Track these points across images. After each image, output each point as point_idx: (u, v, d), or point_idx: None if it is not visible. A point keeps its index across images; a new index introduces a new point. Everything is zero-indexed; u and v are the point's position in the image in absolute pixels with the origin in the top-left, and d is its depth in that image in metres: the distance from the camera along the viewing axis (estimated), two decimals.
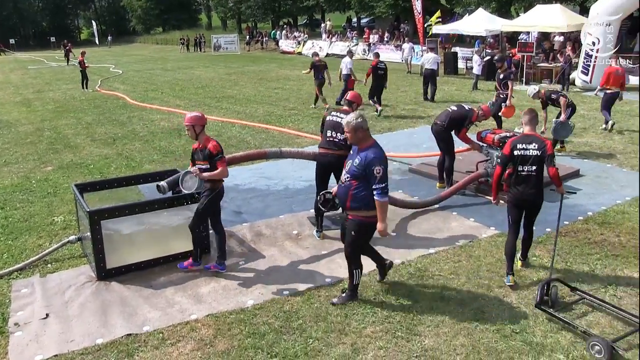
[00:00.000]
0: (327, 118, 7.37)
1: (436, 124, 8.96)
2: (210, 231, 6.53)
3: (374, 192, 5.17)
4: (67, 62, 38.49)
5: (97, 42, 67.79)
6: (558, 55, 22.21)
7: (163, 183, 6.40)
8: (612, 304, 5.44)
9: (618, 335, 4.97)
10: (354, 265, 5.61)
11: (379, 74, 15.93)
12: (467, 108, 9.19)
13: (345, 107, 7.62)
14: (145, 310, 5.65)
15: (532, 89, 10.61)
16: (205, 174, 6.11)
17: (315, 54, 18.30)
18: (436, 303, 5.65)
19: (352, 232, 5.47)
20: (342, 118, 7.08)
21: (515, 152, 5.96)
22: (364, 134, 5.33)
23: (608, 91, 12.97)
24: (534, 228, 6.36)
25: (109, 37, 70.67)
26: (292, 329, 5.25)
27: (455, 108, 9.14)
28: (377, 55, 16.79)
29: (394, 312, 5.50)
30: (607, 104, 13.07)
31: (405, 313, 5.47)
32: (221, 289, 6.05)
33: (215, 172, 6.09)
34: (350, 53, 18.74)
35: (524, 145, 5.94)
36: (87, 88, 23.50)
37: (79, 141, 13.57)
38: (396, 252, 6.87)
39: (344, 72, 17.08)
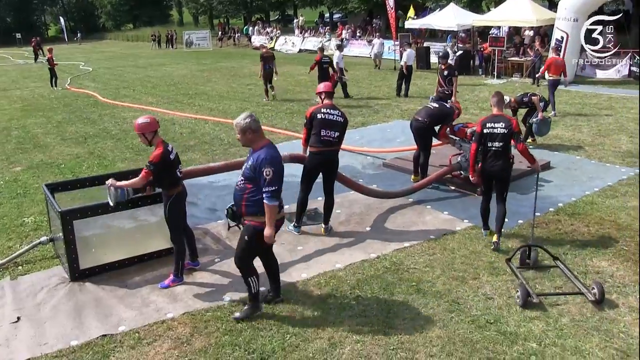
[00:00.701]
0: (318, 116, 7.02)
1: (417, 121, 8.99)
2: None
3: (263, 195, 4.91)
4: (35, 59, 37.79)
5: (65, 38, 66.50)
6: (528, 50, 22.52)
7: (128, 188, 6.09)
8: (578, 277, 5.86)
9: (545, 292, 5.64)
10: (247, 273, 5.29)
11: (324, 68, 16.71)
12: (448, 106, 9.29)
13: (328, 101, 7.23)
14: (121, 310, 5.60)
15: (504, 99, 10.82)
16: (118, 183, 5.89)
17: (263, 46, 19.08)
18: (412, 296, 5.70)
19: (245, 237, 5.16)
20: (332, 114, 7.06)
21: (485, 130, 6.68)
22: (253, 135, 5.07)
23: (550, 78, 14.57)
24: (506, 219, 6.50)
25: (79, 34, 69.40)
26: (269, 325, 5.26)
27: (436, 105, 9.23)
28: (321, 50, 17.64)
29: (370, 306, 5.54)
30: (552, 88, 14.72)
31: (381, 306, 5.52)
32: (197, 287, 6.02)
33: (129, 181, 5.91)
34: (341, 47, 19.38)
35: (492, 124, 6.65)
36: (56, 86, 23.10)
37: (49, 140, 13.35)
38: (371, 246, 6.93)
39: (334, 66, 17.72)
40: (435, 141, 9.29)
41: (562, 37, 19.41)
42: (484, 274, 6.11)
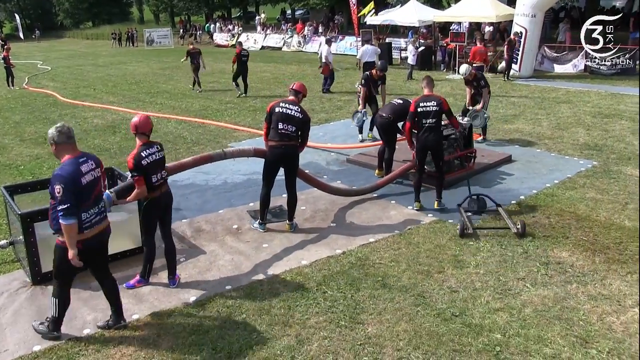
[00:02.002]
0: (276, 109, 7.07)
1: (381, 117, 9.06)
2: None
3: (58, 214, 4.56)
4: None
5: (21, 36, 64.80)
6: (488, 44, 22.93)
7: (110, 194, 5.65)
8: (510, 218, 7.24)
9: (479, 227, 7.19)
10: (55, 292, 5.00)
11: (243, 61, 18.10)
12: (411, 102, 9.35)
13: (291, 97, 7.28)
14: (85, 313, 5.51)
15: (466, 67, 10.92)
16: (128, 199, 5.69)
17: (190, 43, 22.66)
18: (378, 291, 5.75)
19: (55, 259, 4.87)
20: (291, 109, 7.07)
21: (419, 109, 7.65)
22: (57, 147, 4.74)
23: (475, 64, 16.02)
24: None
25: (37, 32, 67.53)
26: (235, 324, 5.24)
27: (400, 101, 9.29)
28: (240, 44, 19.39)
29: (336, 301, 5.56)
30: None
31: (347, 302, 5.55)
32: (162, 287, 5.95)
33: (131, 195, 5.64)
34: (329, 41, 19.81)
35: (425, 103, 7.65)
36: (13, 85, 22.50)
37: (7, 142, 13.01)
38: (337, 242, 6.96)
39: (323, 60, 18.47)
40: (399, 136, 9.36)
41: (521, 33, 19.79)
42: (448, 268, 6.19)
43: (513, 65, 20.47)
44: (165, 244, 6.01)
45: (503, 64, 21.28)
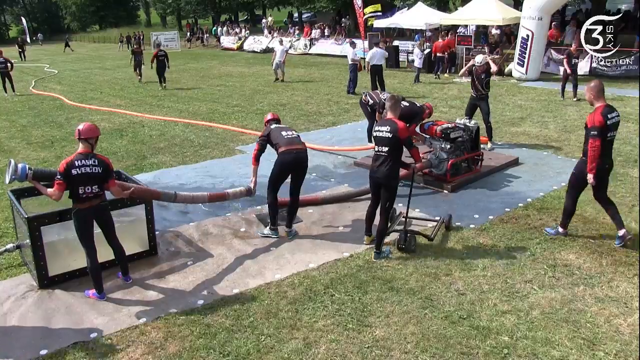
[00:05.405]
0: (272, 126, 7.39)
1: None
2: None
3: None
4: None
5: (28, 40, 65.11)
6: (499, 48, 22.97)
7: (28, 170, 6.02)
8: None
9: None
10: None
11: (160, 59, 21.68)
12: (418, 105, 9.36)
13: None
14: (92, 317, 5.51)
15: (482, 57, 10.37)
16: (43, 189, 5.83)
17: (136, 43, 28.41)
18: (385, 294, 5.74)
19: None
20: (287, 129, 7.35)
21: (374, 133, 6.56)
22: None
23: (438, 55, 21.50)
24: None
25: (40, 35, 67.72)
26: (243, 327, 5.24)
27: (406, 104, 9.30)
28: (158, 45, 24.03)
29: (344, 304, 5.56)
30: (437, 62, 21.68)
31: (355, 305, 5.54)
32: (170, 291, 5.97)
33: (47, 190, 5.72)
34: (353, 44, 20.43)
35: (379, 127, 6.45)
36: (6, 91, 21.47)
37: (13, 145, 13.07)
38: (344, 244, 6.94)
39: (350, 62, 18.97)
40: None
41: (528, 35, 19.75)
42: (456, 270, 6.17)
43: (519, 68, 20.41)
44: (112, 249, 6.06)
45: (510, 67, 21.24)
